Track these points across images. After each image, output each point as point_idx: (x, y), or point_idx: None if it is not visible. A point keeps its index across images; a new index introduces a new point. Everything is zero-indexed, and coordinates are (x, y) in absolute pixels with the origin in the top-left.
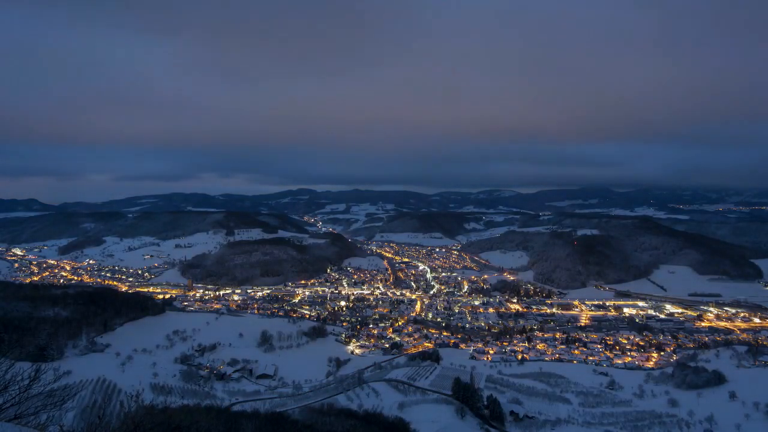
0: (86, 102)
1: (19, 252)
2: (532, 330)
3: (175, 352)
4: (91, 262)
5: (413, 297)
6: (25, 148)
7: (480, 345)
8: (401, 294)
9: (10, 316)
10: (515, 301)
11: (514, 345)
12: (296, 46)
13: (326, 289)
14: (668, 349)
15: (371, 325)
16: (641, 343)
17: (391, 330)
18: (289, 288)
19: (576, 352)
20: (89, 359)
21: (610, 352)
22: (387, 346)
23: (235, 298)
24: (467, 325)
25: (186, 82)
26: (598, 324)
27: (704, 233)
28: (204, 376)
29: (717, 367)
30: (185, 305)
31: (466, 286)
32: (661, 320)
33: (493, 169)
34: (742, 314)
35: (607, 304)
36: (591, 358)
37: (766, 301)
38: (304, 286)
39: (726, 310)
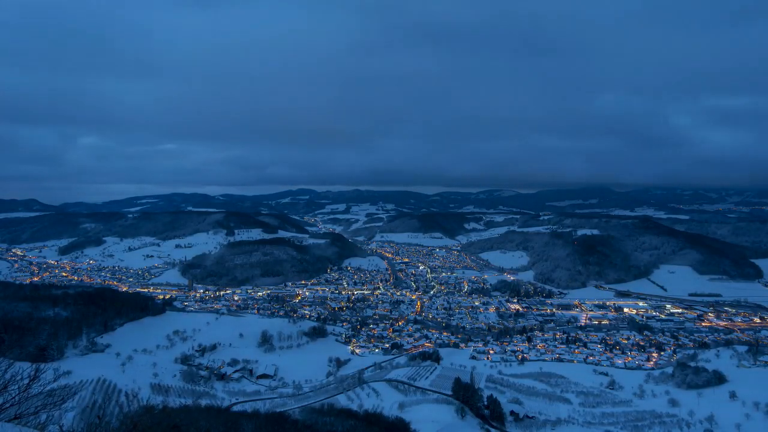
0: None
1: (19, 252)
2: (532, 330)
3: (176, 352)
4: (91, 262)
5: (413, 297)
6: None
7: (480, 345)
8: (401, 294)
9: (10, 316)
10: (515, 301)
11: (515, 345)
12: None
13: (326, 289)
14: (668, 349)
15: (371, 325)
16: (641, 343)
17: (391, 330)
18: (289, 288)
19: (576, 352)
20: (89, 359)
21: (611, 352)
22: (387, 346)
23: (236, 298)
24: (467, 325)
25: None
26: (598, 324)
27: (704, 233)
28: (204, 376)
29: (717, 367)
30: (185, 305)
31: (466, 286)
32: (662, 320)
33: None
34: (742, 314)
35: (607, 304)
36: (591, 358)
37: (766, 301)
38: (305, 287)
39: (726, 310)
